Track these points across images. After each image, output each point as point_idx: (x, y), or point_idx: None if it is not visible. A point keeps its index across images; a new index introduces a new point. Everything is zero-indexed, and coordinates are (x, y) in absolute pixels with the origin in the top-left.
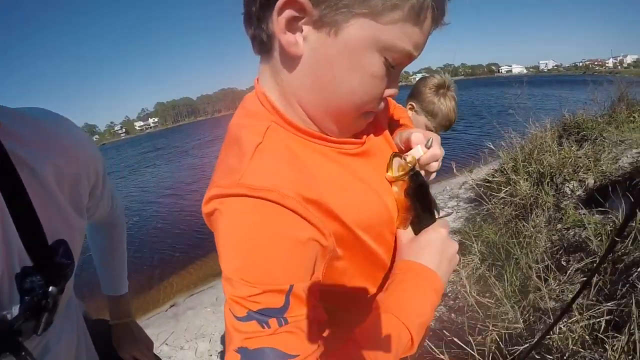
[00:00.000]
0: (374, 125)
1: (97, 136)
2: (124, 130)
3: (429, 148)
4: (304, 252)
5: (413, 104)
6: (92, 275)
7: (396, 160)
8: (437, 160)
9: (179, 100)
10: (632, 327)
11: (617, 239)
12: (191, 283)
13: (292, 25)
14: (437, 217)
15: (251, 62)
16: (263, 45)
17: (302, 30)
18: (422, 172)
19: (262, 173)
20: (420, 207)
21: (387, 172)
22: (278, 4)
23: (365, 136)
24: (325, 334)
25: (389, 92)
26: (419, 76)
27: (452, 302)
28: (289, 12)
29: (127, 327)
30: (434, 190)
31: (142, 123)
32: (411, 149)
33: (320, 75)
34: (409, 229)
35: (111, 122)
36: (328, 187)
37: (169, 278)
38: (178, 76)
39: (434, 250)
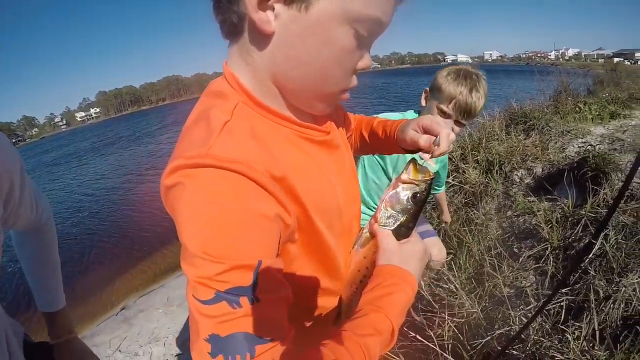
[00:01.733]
0: (337, 120)
1: (36, 129)
2: (64, 121)
3: (438, 145)
4: (271, 227)
5: (427, 89)
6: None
7: (412, 165)
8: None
9: (121, 88)
10: (590, 315)
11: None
12: (141, 283)
13: (263, 4)
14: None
15: (195, 49)
16: (233, 27)
17: (273, 9)
18: None
19: (231, 147)
20: (414, 212)
21: (403, 172)
22: None
23: (330, 128)
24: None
25: (362, 64)
26: None
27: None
28: None
29: (69, 346)
30: None
31: (83, 114)
32: (419, 147)
33: (293, 51)
34: (389, 232)
35: (51, 114)
36: (290, 169)
37: (118, 279)
38: (121, 64)
39: (418, 262)
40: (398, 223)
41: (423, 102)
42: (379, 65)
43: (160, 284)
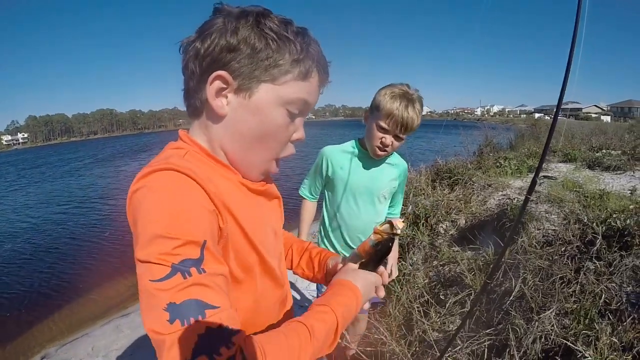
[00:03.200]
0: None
1: None
2: None
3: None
4: (211, 219)
5: (367, 108)
6: None
7: (388, 222)
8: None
9: (53, 116)
10: (511, 351)
11: (488, 281)
12: (63, 331)
13: (219, 93)
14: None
15: (132, 86)
16: (196, 109)
17: (227, 97)
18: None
19: (185, 163)
20: (376, 258)
21: (380, 225)
22: (210, 79)
23: (265, 184)
24: None
25: (297, 135)
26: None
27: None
28: (217, 84)
29: None
30: None
31: (9, 137)
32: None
33: (239, 127)
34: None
35: None
36: (229, 198)
37: (38, 324)
38: (54, 89)
39: (367, 284)
40: (360, 262)
41: (364, 121)
42: (314, 117)
43: (84, 332)
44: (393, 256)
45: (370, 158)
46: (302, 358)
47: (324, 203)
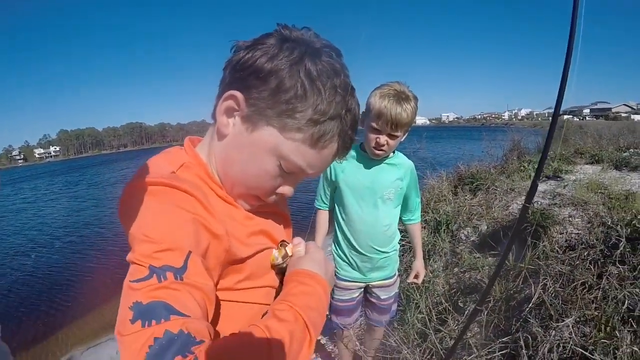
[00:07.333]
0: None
1: None
2: (22, 156)
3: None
4: (200, 231)
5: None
6: None
7: (282, 249)
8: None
9: (84, 129)
10: None
11: (479, 307)
12: (88, 334)
13: (229, 112)
14: None
15: (161, 99)
16: (213, 114)
17: (234, 118)
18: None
19: (182, 176)
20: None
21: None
22: (224, 95)
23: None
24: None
25: (283, 189)
26: None
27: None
28: (229, 102)
29: None
30: None
31: (42, 150)
32: None
33: (232, 154)
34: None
35: (9, 146)
36: (222, 215)
37: (64, 328)
38: (84, 104)
39: (317, 264)
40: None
41: (360, 124)
42: None
43: (109, 336)
44: (419, 258)
45: (370, 159)
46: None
47: (334, 210)
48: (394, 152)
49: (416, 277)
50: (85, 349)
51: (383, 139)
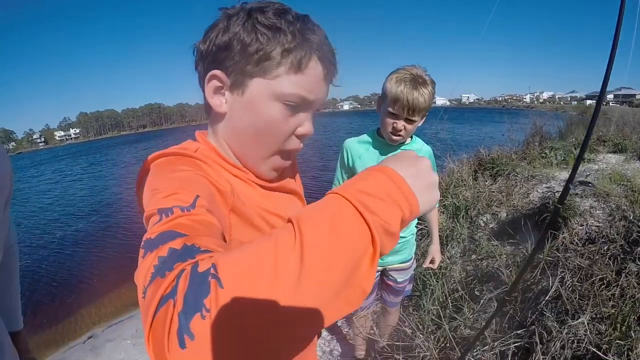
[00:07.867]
0: (287, 185)
1: (13, 143)
2: (42, 139)
3: None
4: (210, 187)
5: (380, 96)
6: None
7: None
8: None
9: (103, 111)
10: (537, 356)
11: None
12: (110, 312)
13: (217, 91)
14: None
15: (179, 80)
16: (206, 108)
17: (224, 95)
18: None
19: (195, 147)
20: None
21: None
22: (206, 78)
23: (281, 179)
24: None
25: (301, 130)
26: (346, 103)
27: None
28: (213, 83)
29: None
30: None
31: (62, 133)
32: None
33: (238, 124)
34: None
35: (30, 129)
36: (243, 195)
37: (86, 306)
38: (103, 86)
39: (404, 161)
40: None
41: (377, 109)
42: (359, 106)
43: (130, 314)
44: (435, 242)
45: (386, 145)
46: (279, 262)
47: None
48: (411, 137)
49: (432, 262)
50: (106, 326)
51: (400, 124)
